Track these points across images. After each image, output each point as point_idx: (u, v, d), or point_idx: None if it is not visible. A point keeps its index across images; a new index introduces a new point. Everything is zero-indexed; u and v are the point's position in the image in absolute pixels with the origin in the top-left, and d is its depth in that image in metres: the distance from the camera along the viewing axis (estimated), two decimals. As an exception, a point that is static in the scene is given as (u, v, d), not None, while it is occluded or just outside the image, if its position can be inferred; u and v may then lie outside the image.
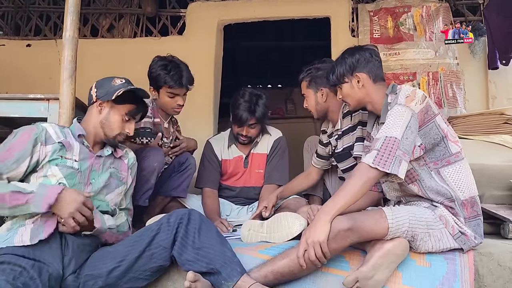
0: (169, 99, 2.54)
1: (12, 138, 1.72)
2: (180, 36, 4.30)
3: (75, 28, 2.07)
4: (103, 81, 1.92)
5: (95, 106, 1.88)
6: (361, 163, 1.69)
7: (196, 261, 1.63)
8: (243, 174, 2.87)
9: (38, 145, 1.71)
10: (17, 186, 1.58)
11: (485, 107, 3.80)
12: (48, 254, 1.58)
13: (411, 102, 1.73)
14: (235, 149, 2.88)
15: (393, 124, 1.69)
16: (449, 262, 1.71)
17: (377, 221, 1.67)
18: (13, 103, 2.24)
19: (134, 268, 1.65)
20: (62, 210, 1.58)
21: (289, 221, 2.02)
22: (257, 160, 2.86)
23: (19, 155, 1.66)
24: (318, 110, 2.51)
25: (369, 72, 1.94)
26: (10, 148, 1.68)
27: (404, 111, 1.71)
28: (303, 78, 2.52)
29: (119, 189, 1.90)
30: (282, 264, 1.66)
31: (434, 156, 1.79)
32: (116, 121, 1.87)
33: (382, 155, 1.64)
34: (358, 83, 1.95)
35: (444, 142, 1.79)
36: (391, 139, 1.66)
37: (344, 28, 4.16)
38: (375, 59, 1.98)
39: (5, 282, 1.37)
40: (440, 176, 1.78)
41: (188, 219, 1.70)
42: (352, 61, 1.96)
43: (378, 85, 1.95)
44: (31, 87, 4.08)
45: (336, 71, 2.01)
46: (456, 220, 1.75)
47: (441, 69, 3.90)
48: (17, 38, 4.35)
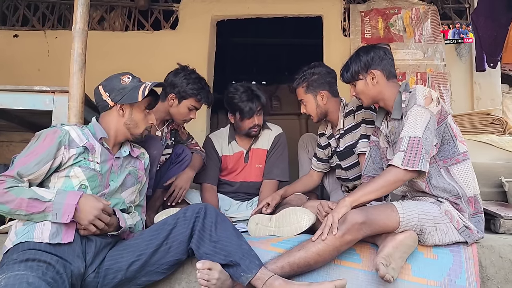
0: (187, 111, 2.51)
1: (35, 141, 1.70)
2: (173, 31, 4.27)
3: (85, 20, 2.05)
4: (112, 83, 1.87)
5: (115, 110, 1.85)
6: (391, 166, 1.76)
7: (214, 254, 1.65)
8: (243, 169, 2.90)
9: (62, 148, 1.69)
10: (36, 193, 1.56)
11: (470, 108, 3.96)
12: (69, 253, 1.57)
13: (429, 104, 1.82)
14: (236, 145, 2.90)
15: (415, 124, 1.78)
16: (455, 254, 1.80)
17: (388, 215, 1.75)
18: (17, 95, 2.20)
19: (151, 262, 1.67)
20: (82, 219, 1.58)
21: (298, 215, 2.06)
22: (257, 155, 2.89)
23: (41, 158, 1.64)
24: (319, 113, 2.54)
25: (383, 69, 2.02)
26: (33, 151, 1.66)
27: (424, 112, 1.80)
28: (298, 84, 2.53)
29: (134, 187, 1.90)
30: (298, 255, 1.71)
31: (444, 155, 1.88)
32: (140, 119, 1.88)
33: (409, 155, 1.72)
34: (373, 80, 2.02)
35: (453, 141, 1.88)
36: (415, 139, 1.74)
37: (336, 27, 4.24)
38: (389, 57, 2.05)
39: (38, 279, 1.36)
40: (449, 174, 1.87)
41: (205, 213, 1.72)
42: (367, 59, 2.02)
43: (391, 82, 2.03)
44: (19, 79, 3.98)
45: (350, 68, 2.06)
46: (461, 215, 1.84)
47: (429, 70, 4.03)
48: (3, 28, 4.24)
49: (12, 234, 1.61)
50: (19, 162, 1.64)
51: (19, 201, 1.53)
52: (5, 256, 1.56)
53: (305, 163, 2.96)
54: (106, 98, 1.84)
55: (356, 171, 2.52)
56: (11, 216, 1.59)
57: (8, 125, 3.04)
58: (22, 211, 1.54)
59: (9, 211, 1.54)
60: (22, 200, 1.53)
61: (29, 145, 1.70)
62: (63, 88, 2.14)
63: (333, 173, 2.79)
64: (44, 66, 4.10)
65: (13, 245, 1.55)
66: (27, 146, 1.70)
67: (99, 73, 2.31)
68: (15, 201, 1.53)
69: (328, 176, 2.86)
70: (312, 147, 2.94)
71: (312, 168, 2.77)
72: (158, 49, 4.15)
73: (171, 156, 2.67)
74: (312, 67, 2.54)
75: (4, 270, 1.43)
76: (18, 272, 1.40)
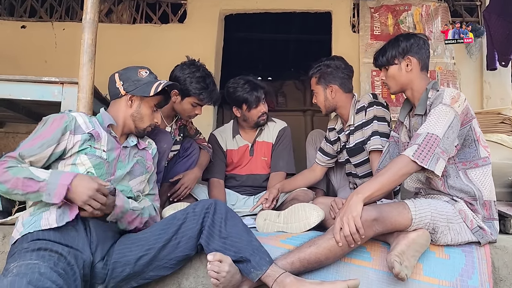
0: (191, 107, 2.48)
1: (41, 126, 1.70)
2: (181, 24, 4.24)
3: (96, 11, 2.02)
4: (128, 73, 1.88)
5: (125, 100, 1.86)
6: (402, 155, 1.74)
7: (224, 250, 1.64)
8: (249, 162, 2.90)
9: (67, 133, 1.69)
10: (32, 172, 1.54)
11: (480, 107, 3.91)
12: (78, 240, 1.56)
13: (455, 103, 1.79)
14: (240, 139, 2.90)
15: (436, 122, 1.75)
16: (467, 254, 1.77)
17: (400, 212, 1.72)
18: (25, 85, 2.18)
19: (160, 257, 1.66)
20: (76, 199, 1.55)
21: (307, 211, 2.04)
22: (262, 148, 2.90)
23: (46, 141, 1.64)
24: (326, 106, 2.54)
25: (419, 58, 1.99)
26: (39, 135, 1.66)
27: (448, 111, 1.77)
28: (312, 74, 2.55)
29: (143, 176, 1.89)
30: (309, 251, 1.70)
31: (464, 157, 1.86)
32: (147, 114, 1.88)
33: (422, 150, 1.69)
34: (407, 67, 1.99)
35: (475, 145, 1.86)
36: (433, 136, 1.71)
37: (345, 23, 4.20)
38: (427, 48, 2.03)
39: (50, 269, 1.35)
40: (467, 177, 1.85)
41: (215, 209, 1.70)
42: (406, 45, 2.00)
43: (423, 74, 2.01)
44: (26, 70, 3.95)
45: (387, 52, 2.03)
46: (475, 216, 1.81)
47: (438, 68, 3.99)
48: (11, 19, 4.22)
49: (19, 225, 1.60)
50: (24, 144, 1.64)
51: (15, 180, 1.51)
52: (13, 246, 1.55)
53: (313, 159, 2.93)
54: (119, 86, 1.85)
55: (366, 168, 2.50)
56: (9, 196, 1.57)
57: (14, 116, 3.04)
58: (19, 190, 1.52)
59: (7, 191, 1.53)
60: (18, 179, 1.51)
61: (36, 129, 1.70)
62: (72, 79, 2.12)
63: (341, 170, 2.77)
64: (51, 58, 4.09)
65: (21, 236, 1.54)
66: (34, 130, 1.70)
67: (106, 65, 2.30)
68: (12, 180, 1.51)
69: (336, 172, 2.84)
70: (320, 143, 2.92)
71: (316, 162, 2.74)
72: (165, 42, 4.13)
73: (179, 151, 2.65)
74: (329, 59, 2.55)
75: (16, 258, 1.42)
76: (30, 261, 1.39)
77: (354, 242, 1.65)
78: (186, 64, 2.47)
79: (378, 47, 2.29)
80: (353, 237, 1.64)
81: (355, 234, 1.63)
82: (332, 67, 2.50)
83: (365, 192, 1.70)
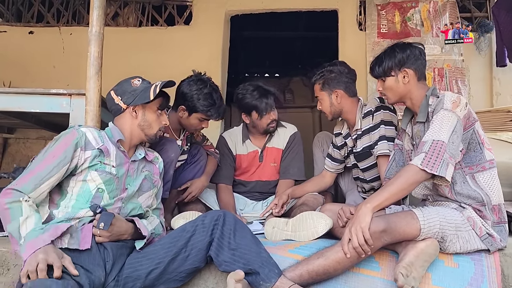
0: (198, 122, 2.46)
1: (53, 144, 1.70)
2: (186, 26, 4.25)
3: (101, 24, 2.03)
4: (123, 87, 1.89)
5: (128, 112, 1.86)
6: (409, 164, 1.74)
7: (234, 262, 1.65)
8: (257, 168, 2.88)
9: (78, 150, 1.70)
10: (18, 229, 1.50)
11: (489, 104, 3.88)
12: (89, 262, 1.57)
13: (456, 108, 1.78)
14: (250, 144, 2.88)
15: (440, 128, 1.74)
16: (476, 263, 1.76)
17: (409, 222, 1.72)
18: (34, 98, 2.20)
19: (170, 270, 1.67)
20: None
21: (315, 220, 2.04)
22: (272, 154, 2.88)
23: (59, 161, 1.65)
24: (332, 112, 2.52)
25: (416, 69, 1.98)
26: (50, 154, 1.66)
27: (451, 116, 1.76)
28: (315, 80, 2.52)
29: (151, 191, 1.91)
30: (317, 263, 1.70)
31: (470, 161, 1.85)
32: (154, 120, 1.89)
33: (430, 157, 1.69)
34: (404, 78, 1.98)
35: (480, 148, 1.84)
36: (439, 143, 1.71)
37: (351, 21, 4.17)
38: (423, 58, 2.02)
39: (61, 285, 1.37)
40: (474, 181, 1.84)
41: (224, 220, 1.71)
42: (403, 56, 1.98)
43: (421, 83, 2.00)
44: (34, 76, 4.03)
45: (384, 63, 2.02)
46: (484, 223, 1.80)
47: (446, 66, 3.95)
48: (19, 24, 4.27)
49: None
50: (34, 170, 1.62)
51: (5, 225, 1.53)
52: None
53: (320, 162, 2.93)
54: (118, 102, 1.86)
55: (373, 173, 2.49)
56: None
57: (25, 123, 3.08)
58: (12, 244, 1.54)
59: None
60: (6, 227, 1.53)
61: (47, 148, 1.70)
62: (80, 91, 2.14)
63: (349, 173, 2.76)
64: (60, 63, 4.12)
65: None
66: (46, 149, 1.70)
67: (114, 69, 2.31)
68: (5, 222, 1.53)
69: (344, 176, 2.83)
70: (327, 146, 2.90)
71: (325, 169, 2.74)
72: (172, 45, 4.15)
73: (186, 159, 2.66)
74: (331, 65, 2.52)
75: None
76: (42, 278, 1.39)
77: (364, 253, 1.66)
78: (193, 80, 2.43)
79: (385, 45, 2.27)
80: (362, 248, 1.64)
81: (364, 245, 1.64)
82: (336, 72, 2.48)
83: (373, 202, 1.70)
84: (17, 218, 1.52)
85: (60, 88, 2.22)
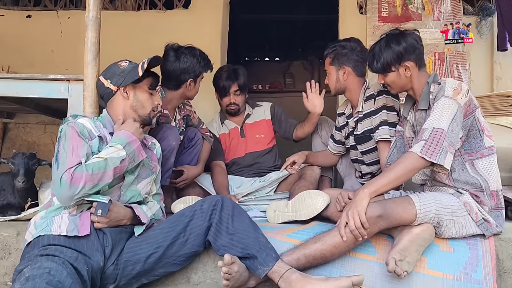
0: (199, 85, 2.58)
1: (64, 140, 1.70)
2: (185, 10, 4.19)
3: (98, 9, 2.02)
4: (111, 70, 1.90)
5: (119, 94, 1.87)
6: (409, 151, 1.76)
7: (232, 247, 1.67)
8: (243, 142, 3.00)
9: (86, 139, 1.73)
10: (111, 158, 1.65)
11: (490, 88, 3.86)
12: (88, 247, 1.59)
13: (457, 95, 1.78)
14: (229, 122, 3.03)
15: (440, 115, 1.74)
16: (471, 247, 1.79)
17: (405, 208, 1.73)
18: (32, 83, 2.19)
19: (169, 254, 1.70)
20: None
21: (313, 198, 2.09)
22: (253, 128, 3.02)
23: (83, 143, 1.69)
24: (337, 88, 2.54)
25: (416, 59, 1.95)
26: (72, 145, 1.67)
27: (451, 103, 1.76)
28: (327, 54, 2.54)
29: (149, 178, 1.91)
30: (315, 248, 1.72)
31: (470, 148, 1.85)
32: (145, 98, 1.90)
33: (429, 145, 1.70)
34: (406, 71, 1.96)
35: (480, 135, 1.84)
36: (439, 131, 1.71)
37: (352, 4, 4.12)
38: (420, 45, 1.98)
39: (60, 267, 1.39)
40: (473, 168, 1.84)
41: (222, 205, 1.73)
42: (400, 50, 1.93)
43: (422, 71, 1.98)
44: (33, 61, 4.00)
45: (381, 59, 1.97)
46: (480, 208, 1.81)
47: (447, 50, 3.92)
48: (16, 8, 4.21)
49: (31, 228, 1.64)
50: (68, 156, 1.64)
51: (108, 176, 1.63)
52: (26, 250, 1.59)
53: (318, 147, 2.96)
54: (108, 85, 1.87)
55: (372, 156, 2.50)
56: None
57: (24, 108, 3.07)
58: (110, 179, 1.65)
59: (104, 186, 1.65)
60: (108, 171, 1.63)
61: (63, 145, 1.68)
62: (78, 77, 2.12)
63: (347, 157, 2.77)
64: (58, 47, 4.09)
65: (33, 238, 1.58)
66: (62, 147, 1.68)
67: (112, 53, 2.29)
68: (106, 176, 1.63)
69: (342, 160, 2.85)
70: (325, 131, 2.93)
71: (329, 150, 2.77)
72: (170, 29, 4.08)
73: (183, 140, 2.67)
74: (345, 41, 2.54)
75: (28, 262, 1.45)
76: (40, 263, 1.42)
77: (361, 237, 1.68)
78: (178, 53, 2.47)
79: (386, 29, 2.23)
80: (359, 231, 1.67)
81: (360, 228, 1.66)
82: (348, 49, 2.48)
83: (371, 187, 1.73)
84: (104, 164, 1.63)
85: (59, 73, 2.20)
